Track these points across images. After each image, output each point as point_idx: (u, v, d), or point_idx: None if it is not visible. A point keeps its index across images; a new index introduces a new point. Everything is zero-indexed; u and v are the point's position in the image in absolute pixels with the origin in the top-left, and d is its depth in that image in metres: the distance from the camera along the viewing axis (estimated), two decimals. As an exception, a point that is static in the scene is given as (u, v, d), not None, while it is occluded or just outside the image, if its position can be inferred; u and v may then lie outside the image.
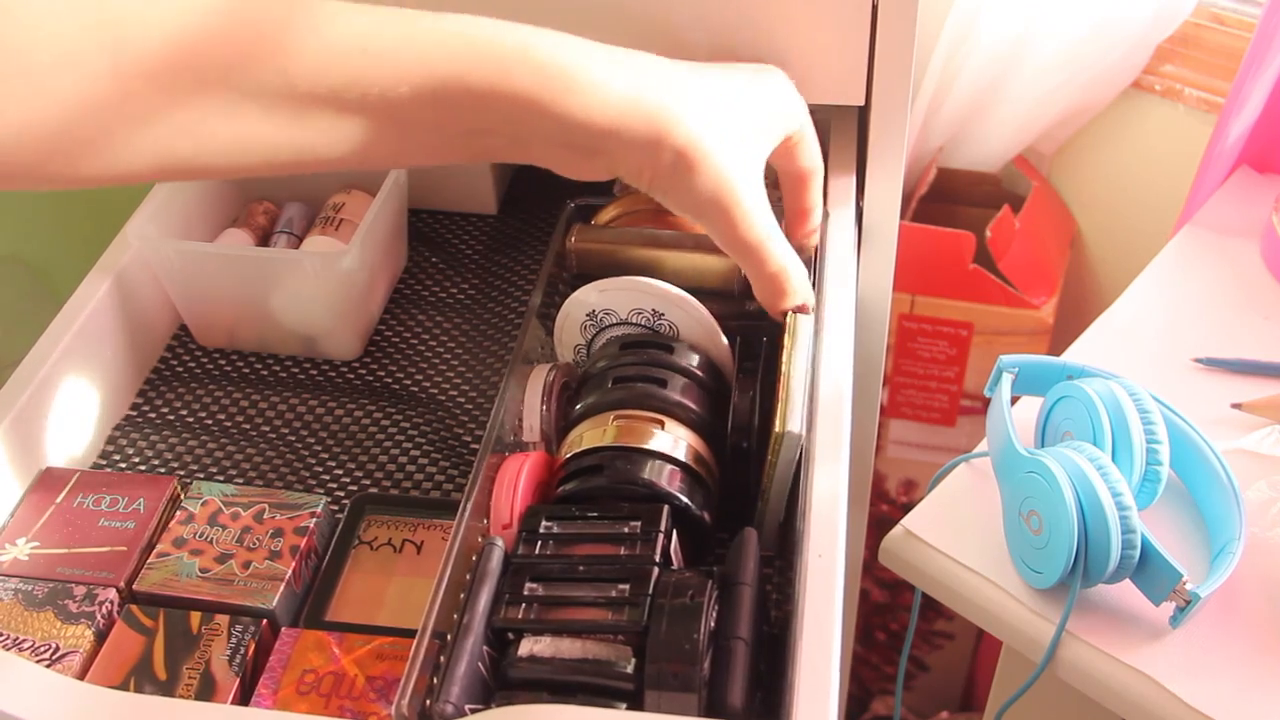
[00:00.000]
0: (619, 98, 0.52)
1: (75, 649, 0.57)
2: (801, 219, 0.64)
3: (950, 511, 0.72)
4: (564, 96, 0.51)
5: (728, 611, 0.51)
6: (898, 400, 1.31)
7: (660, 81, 0.53)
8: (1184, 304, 0.85)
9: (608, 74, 0.52)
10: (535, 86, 0.51)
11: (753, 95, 0.57)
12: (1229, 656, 0.63)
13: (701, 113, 0.53)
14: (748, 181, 0.55)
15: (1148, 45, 1.11)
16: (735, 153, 0.54)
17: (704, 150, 0.53)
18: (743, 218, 0.55)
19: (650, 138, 0.52)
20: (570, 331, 0.66)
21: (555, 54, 0.51)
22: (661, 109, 0.52)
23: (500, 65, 0.50)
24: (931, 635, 1.42)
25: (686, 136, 0.52)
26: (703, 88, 0.55)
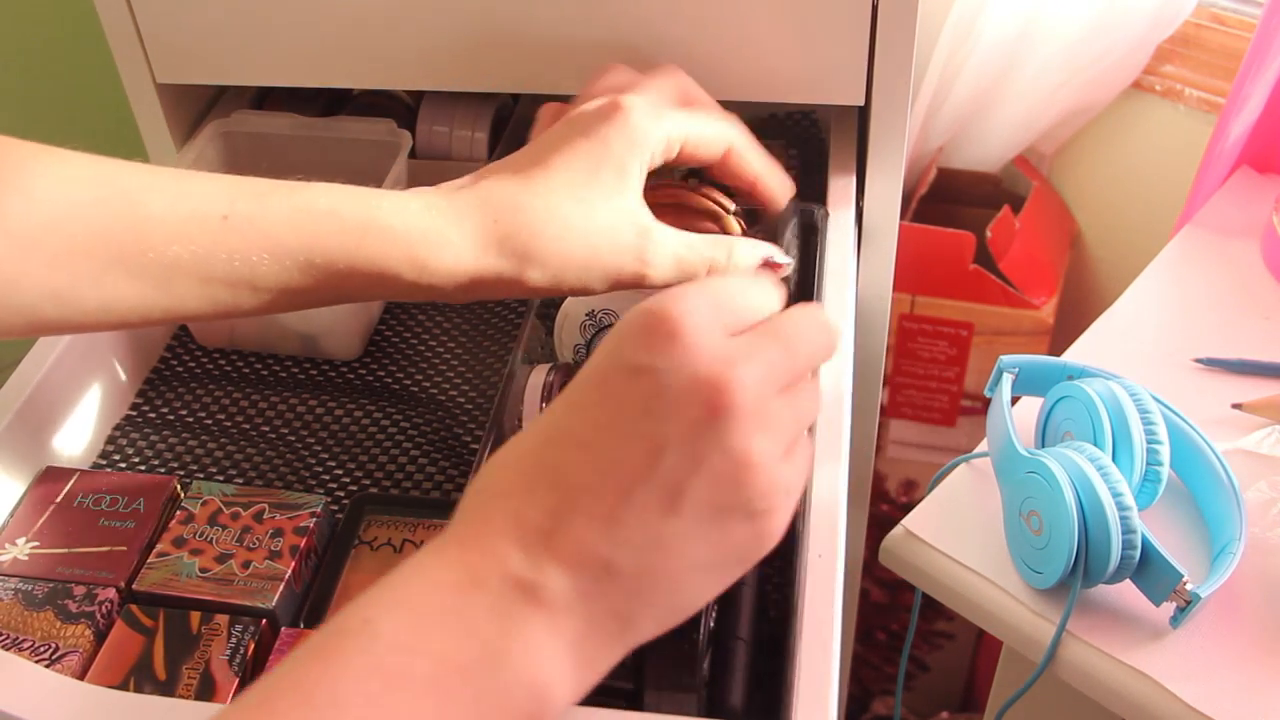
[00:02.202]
0: (466, 248, 0.53)
1: (75, 649, 0.57)
2: (751, 185, 0.62)
3: (950, 512, 0.72)
4: (416, 266, 0.52)
5: (728, 611, 0.51)
6: (898, 400, 1.31)
7: (495, 211, 0.54)
8: (1184, 304, 0.85)
9: (449, 229, 0.53)
10: (388, 259, 0.52)
11: (582, 157, 0.55)
12: (1229, 657, 0.63)
13: (544, 220, 0.54)
14: (622, 229, 0.55)
15: (1148, 45, 1.11)
16: (596, 221, 0.54)
17: (565, 253, 0.54)
18: (645, 268, 0.55)
19: (512, 277, 0.54)
20: (570, 332, 0.66)
21: (400, 223, 0.52)
22: (506, 241, 0.53)
23: (352, 240, 0.52)
24: (931, 635, 1.42)
25: (543, 251, 0.53)
26: (533, 192, 0.54)
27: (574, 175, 0.55)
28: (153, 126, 0.80)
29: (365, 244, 0.52)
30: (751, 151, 0.61)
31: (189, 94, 0.82)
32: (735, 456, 0.40)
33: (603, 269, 0.54)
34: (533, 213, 0.53)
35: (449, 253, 0.53)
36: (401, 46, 0.73)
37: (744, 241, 0.60)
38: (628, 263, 0.55)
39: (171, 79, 0.78)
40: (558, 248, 0.53)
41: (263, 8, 0.73)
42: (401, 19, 0.72)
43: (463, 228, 0.53)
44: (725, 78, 0.71)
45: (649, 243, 0.55)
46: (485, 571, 0.40)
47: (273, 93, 0.87)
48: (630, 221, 0.55)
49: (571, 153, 0.55)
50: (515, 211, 0.53)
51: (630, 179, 0.55)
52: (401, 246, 0.52)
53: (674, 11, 0.69)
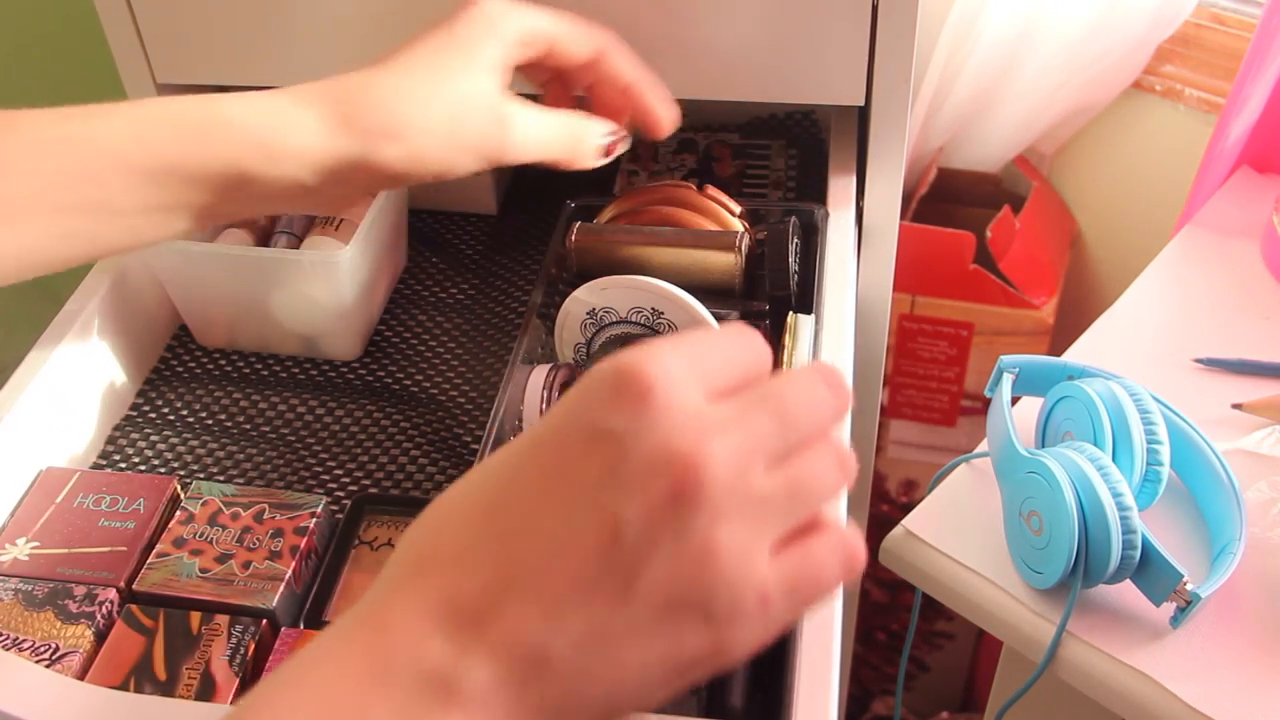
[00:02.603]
0: (317, 129, 0.52)
1: (75, 649, 0.57)
2: (625, 92, 0.62)
3: (950, 512, 0.72)
4: (265, 155, 0.52)
5: (728, 611, 0.51)
6: (898, 400, 1.31)
7: (346, 93, 0.53)
8: (1184, 304, 0.85)
9: (297, 113, 0.52)
10: (236, 152, 0.51)
11: (433, 44, 0.56)
12: (1229, 657, 0.63)
13: (395, 101, 0.53)
14: (476, 108, 0.55)
15: (1148, 45, 1.11)
16: (448, 99, 0.54)
17: (419, 132, 0.53)
18: (502, 146, 0.56)
19: (368, 157, 0.53)
20: (570, 330, 0.66)
21: (242, 114, 0.52)
22: (356, 119, 0.53)
23: (196, 140, 0.51)
24: (932, 635, 1.42)
25: (402, 139, 0.53)
26: (383, 75, 0.54)
27: (423, 57, 0.55)
28: (153, 126, 0.80)
29: (210, 141, 0.51)
30: (625, 58, 0.61)
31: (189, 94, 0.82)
32: (697, 545, 0.35)
33: (463, 145, 0.54)
34: (383, 90, 0.53)
35: (296, 137, 0.52)
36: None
37: (591, 121, 0.60)
38: (488, 140, 0.55)
39: (171, 79, 0.78)
40: (413, 119, 0.53)
41: (263, 8, 0.73)
42: (401, 19, 0.72)
43: (310, 110, 0.52)
44: (725, 78, 0.71)
45: (507, 121, 0.56)
46: (397, 661, 0.35)
47: (273, 93, 0.87)
48: (486, 99, 0.55)
49: (425, 40, 0.56)
50: (364, 90, 0.53)
51: (480, 60, 0.55)
52: (247, 136, 0.51)
53: (674, 11, 0.69)
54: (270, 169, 0.52)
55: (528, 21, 0.57)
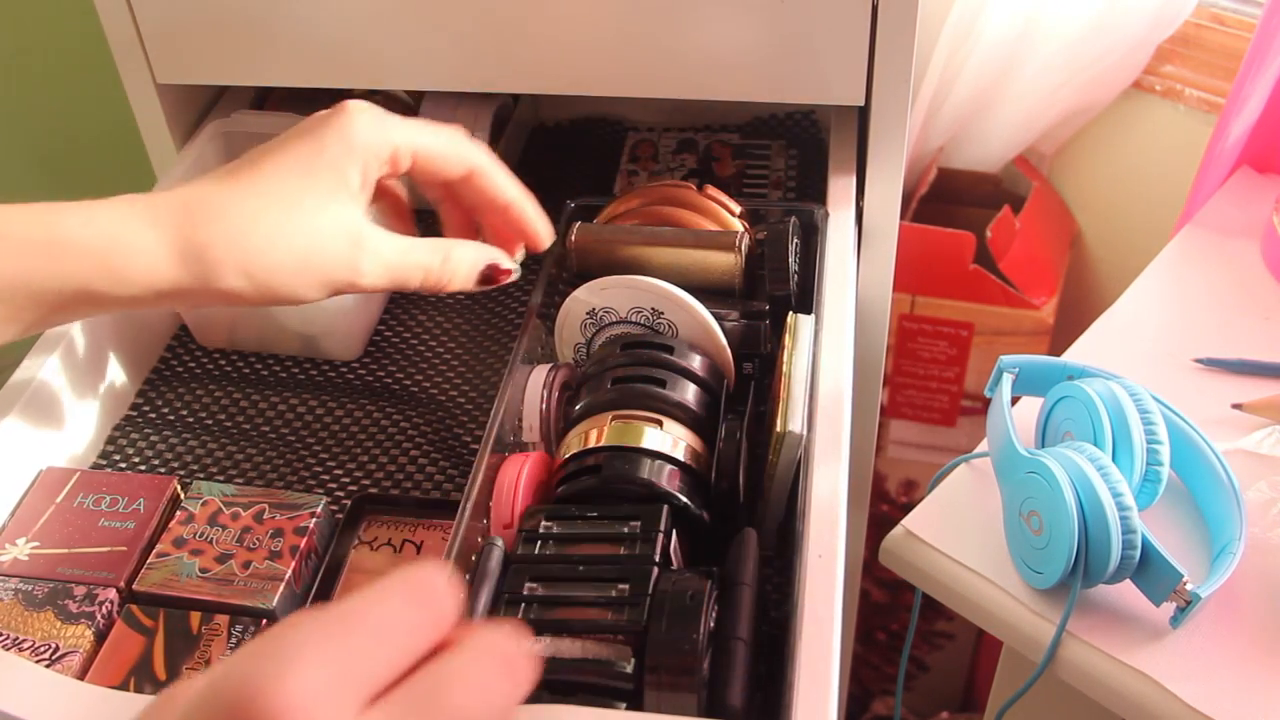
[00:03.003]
0: (161, 255, 0.51)
1: (75, 649, 0.57)
2: (502, 212, 0.60)
3: (950, 512, 0.72)
4: (111, 278, 0.50)
5: (728, 611, 0.51)
6: (898, 400, 1.31)
7: (194, 215, 0.51)
8: (1184, 304, 0.85)
9: (142, 236, 0.50)
10: (80, 273, 0.50)
11: (296, 160, 0.53)
12: (1229, 657, 0.63)
13: (246, 229, 0.51)
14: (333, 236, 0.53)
15: (1148, 45, 1.11)
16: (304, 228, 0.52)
17: (268, 263, 0.52)
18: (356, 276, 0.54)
19: (208, 279, 0.51)
20: (570, 330, 0.66)
21: (86, 235, 0.50)
22: (204, 251, 0.51)
23: (38, 261, 0.49)
24: (932, 635, 1.42)
25: (244, 263, 0.51)
26: (239, 195, 0.52)
27: (286, 179, 0.53)
28: (153, 126, 0.80)
29: (54, 263, 0.49)
30: (500, 176, 0.59)
31: (189, 94, 0.82)
32: None
33: (313, 277, 0.53)
34: (236, 219, 0.51)
35: (142, 261, 0.50)
36: (401, 46, 0.73)
37: (465, 245, 0.58)
38: (340, 271, 0.53)
39: (171, 79, 0.78)
40: (262, 257, 0.51)
41: (263, 8, 0.73)
42: (401, 19, 0.72)
43: (157, 234, 0.50)
44: (726, 77, 0.71)
45: (362, 251, 0.53)
46: None
47: (273, 93, 0.87)
48: (343, 228, 0.53)
49: (286, 155, 0.53)
50: (216, 217, 0.51)
51: (341, 183, 0.53)
52: (93, 260, 0.49)
53: (674, 11, 0.69)
54: (116, 288, 0.50)
55: (395, 136, 0.55)
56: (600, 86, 0.73)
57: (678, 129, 0.89)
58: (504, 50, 0.72)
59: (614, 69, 0.72)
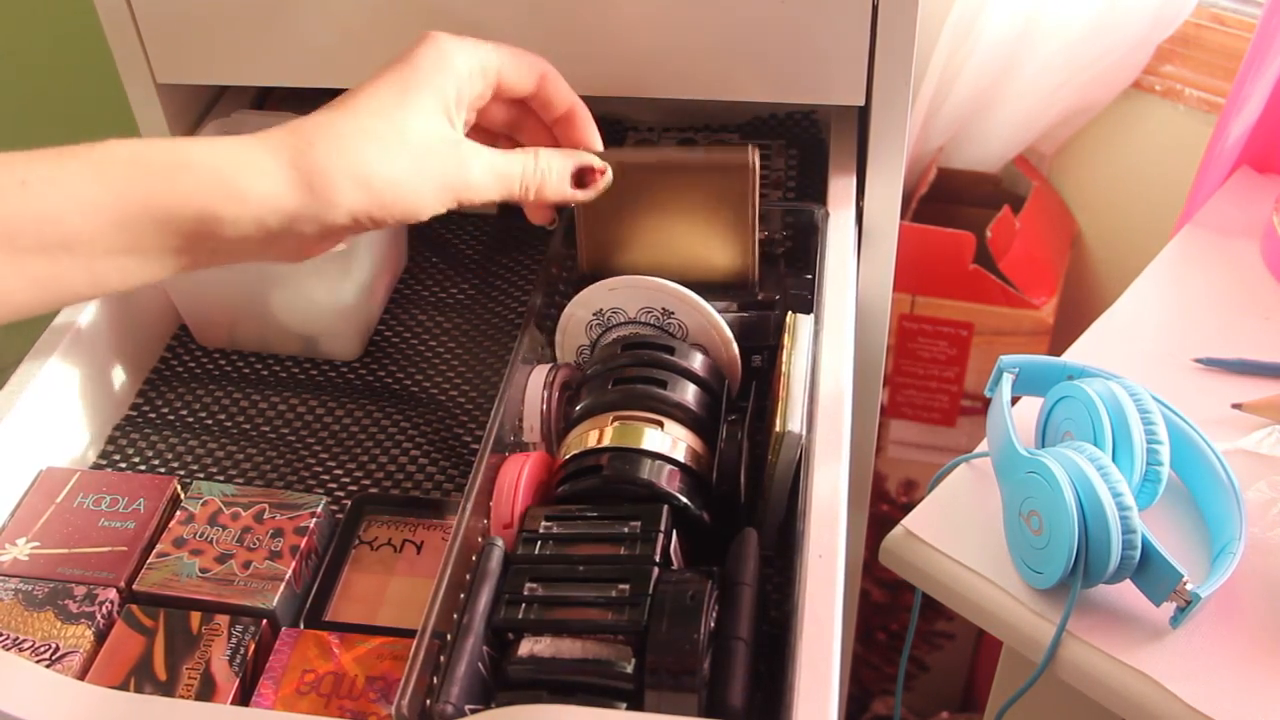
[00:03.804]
0: (280, 176, 0.52)
1: (75, 649, 0.57)
2: (567, 117, 0.63)
3: (950, 512, 0.72)
4: (231, 200, 0.51)
5: (728, 611, 0.51)
6: (898, 400, 1.31)
7: (307, 137, 0.53)
8: (1184, 304, 0.85)
9: (260, 159, 0.52)
10: (202, 194, 0.50)
11: (393, 84, 0.55)
12: (1229, 657, 0.63)
13: (357, 152, 0.53)
14: (439, 153, 0.55)
15: (1148, 45, 1.11)
16: (412, 145, 0.54)
17: (387, 185, 0.53)
18: (465, 189, 0.56)
19: (334, 201, 0.52)
20: (574, 332, 0.66)
21: (209, 157, 0.51)
22: (319, 171, 0.52)
23: (162, 182, 0.50)
24: (932, 635, 1.42)
25: (366, 185, 0.53)
26: (346, 119, 0.54)
27: (385, 98, 0.55)
28: (153, 126, 0.80)
29: (177, 184, 0.50)
30: (563, 83, 0.62)
31: (189, 94, 0.82)
32: None
33: (429, 183, 0.55)
34: (347, 136, 0.53)
35: (265, 181, 0.51)
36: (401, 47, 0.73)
37: (551, 150, 0.60)
38: (453, 175, 0.55)
39: (171, 79, 0.78)
40: (377, 166, 0.53)
41: (263, 8, 0.73)
42: (401, 19, 0.72)
43: (275, 157, 0.52)
44: (725, 77, 0.71)
45: (467, 156, 0.56)
46: None
47: (273, 93, 0.87)
48: (447, 137, 0.56)
49: (382, 79, 0.56)
50: (327, 137, 0.53)
51: (439, 99, 0.56)
52: (215, 179, 0.50)
53: (674, 11, 0.69)
54: (236, 210, 0.51)
55: (479, 54, 0.58)
56: (600, 86, 0.73)
57: (678, 129, 0.89)
58: (504, 50, 0.72)
59: (614, 69, 0.72)
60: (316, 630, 0.58)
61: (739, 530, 0.55)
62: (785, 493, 0.60)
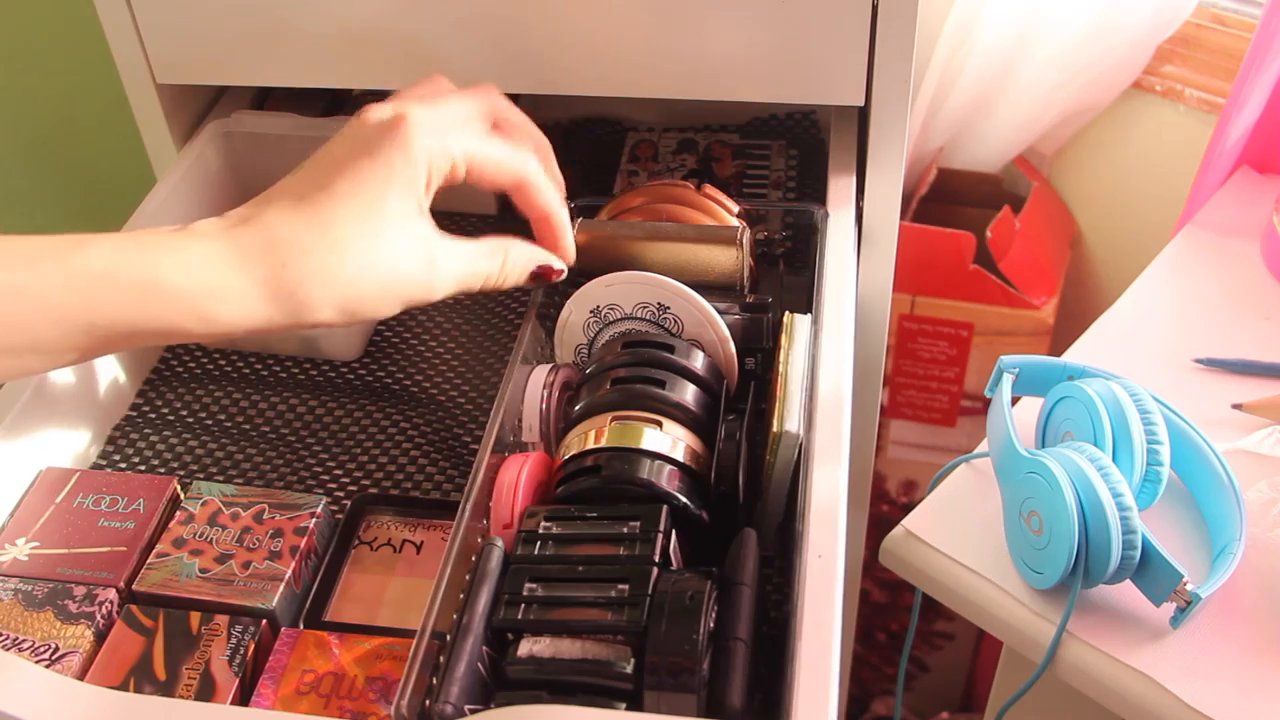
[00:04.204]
0: (254, 299, 0.52)
1: (75, 649, 0.57)
2: (542, 223, 0.62)
3: (950, 512, 0.72)
4: (202, 321, 0.52)
5: (727, 611, 0.51)
6: (898, 400, 1.31)
7: (281, 255, 0.53)
8: (1184, 304, 0.85)
9: (234, 281, 0.52)
10: (172, 317, 0.51)
11: (367, 182, 0.54)
12: (1229, 657, 0.63)
13: (334, 266, 0.53)
14: (412, 259, 0.55)
15: (1148, 46, 1.11)
16: (386, 256, 0.54)
17: (356, 295, 0.54)
18: (429, 294, 0.56)
19: (302, 316, 0.53)
20: (573, 331, 0.66)
21: (182, 281, 0.51)
22: (296, 291, 0.53)
23: (133, 303, 0.51)
24: (932, 636, 1.42)
25: (334, 297, 0.53)
26: (320, 228, 0.53)
27: (362, 205, 0.54)
28: (153, 126, 0.80)
29: (147, 306, 0.51)
30: (543, 188, 0.61)
31: (189, 94, 0.82)
32: None
33: (394, 299, 0.55)
34: (323, 254, 0.53)
35: (234, 307, 0.52)
36: (401, 47, 0.73)
37: (520, 246, 0.60)
38: (418, 291, 0.56)
39: (171, 79, 0.78)
40: (350, 289, 0.53)
41: (263, 8, 0.73)
42: (401, 19, 0.72)
43: (248, 278, 0.52)
44: (726, 77, 0.71)
45: (435, 270, 0.56)
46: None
47: (273, 93, 0.87)
48: (419, 251, 0.55)
49: (357, 177, 0.54)
50: (304, 255, 0.53)
51: (417, 200, 0.55)
52: (185, 305, 0.51)
53: (674, 11, 0.69)
54: (205, 330, 0.52)
55: (454, 147, 0.56)
56: (600, 86, 0.73)
57: (678, 129, 0.89)
58: (504, 50, 0.72)
59: (614, 69, 0.72)
60: (316, 630, 0.58)
61: (738, 530, 0.55)
62: (784, 493, 0.60)
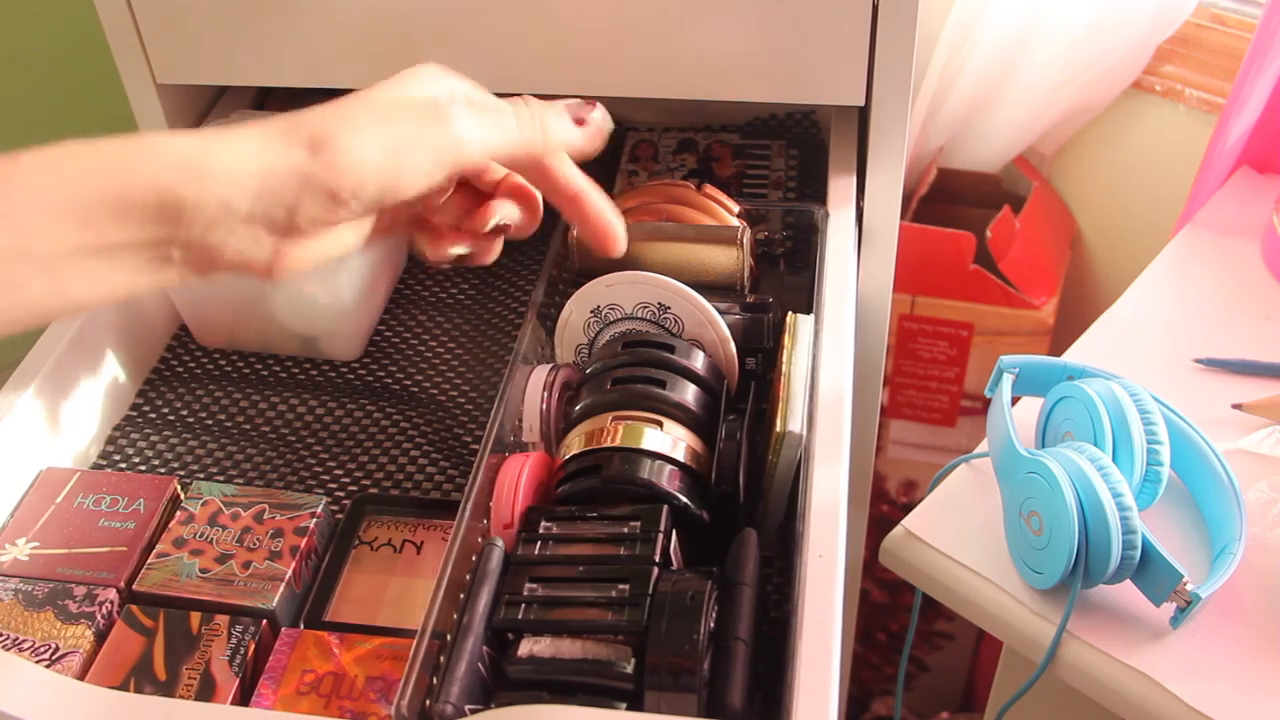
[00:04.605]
0: (254, 145, 0.48)
1: (75, 649, 0.57)
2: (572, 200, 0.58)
3: (950, 512, 0.72)
4: (193, 175, 0.47)
5: (728, 612, 0.51)
6: (898, 400, 1.31)
7: (295, 115, 0.49)
8: (1184, 304, 0.85)
9: (237, 135, 0.48)
10: (160, 173, 0.47)
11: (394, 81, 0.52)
12: (1229, 657, 0.63)
13: (358, 114, 0.50)
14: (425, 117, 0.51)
15: (1148, 46, 1.11)
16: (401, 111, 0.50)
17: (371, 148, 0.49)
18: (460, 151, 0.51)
19: (309, 169, 0.48)
20: (573, 330, 0.66)
21: (172, 142, 0.48)
22: (310, 133, 0.48)
23: (118, 165, 0.47)
24: (932, 636, 1.42)
25: (347, 149, 0.48)
26: (341, 106, 0.50)
27: (375, 88, 0.51)
28: (153, 126, 0.80)
29: (131, 166, 0.46)
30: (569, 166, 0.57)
31: (189, 94, 0.82)
32: None
33: (411, 139, 0.50)
34: (322, 108, 0.49)
35: (226, 153, 0.47)
36: (401, 47, 0.73)
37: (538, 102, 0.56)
38: (438, 130, 0.51)
39: (171, 79, 0.78)
40: (356, 120, 0.49)
41: (263, 8, 0.73)
42: (401, 19, 0.72)
43: (242, 132, 0.48)
44: (726, 77, 0.71)
45: (449, 113, 0.51)
46: None
47: (273, 93, 0.87)
48: (425, 101, 0.51)
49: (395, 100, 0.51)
50: (302, 112, 0.49)
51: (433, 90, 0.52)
52: (172, 157, 0.47)
53: (674, 11, 0.69)
54: (199, 191, 0.47)
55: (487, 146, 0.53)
56: (600, 86, 0.73)
57: (678, 129, 0.89)
58: (504, 50, 0.72)
59: (614, 69, 0.72)
60: (316, 630, 0.58)
61: (739, 530, 0.55)
62: (785, 493, 0.60)
